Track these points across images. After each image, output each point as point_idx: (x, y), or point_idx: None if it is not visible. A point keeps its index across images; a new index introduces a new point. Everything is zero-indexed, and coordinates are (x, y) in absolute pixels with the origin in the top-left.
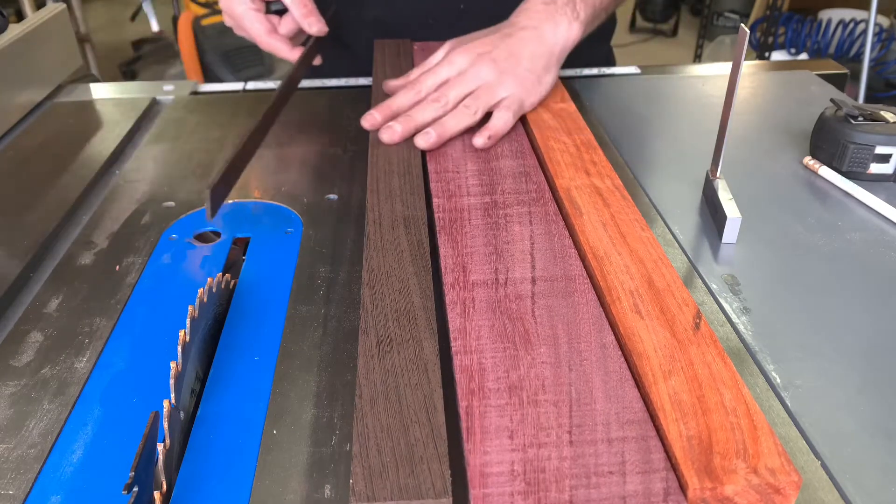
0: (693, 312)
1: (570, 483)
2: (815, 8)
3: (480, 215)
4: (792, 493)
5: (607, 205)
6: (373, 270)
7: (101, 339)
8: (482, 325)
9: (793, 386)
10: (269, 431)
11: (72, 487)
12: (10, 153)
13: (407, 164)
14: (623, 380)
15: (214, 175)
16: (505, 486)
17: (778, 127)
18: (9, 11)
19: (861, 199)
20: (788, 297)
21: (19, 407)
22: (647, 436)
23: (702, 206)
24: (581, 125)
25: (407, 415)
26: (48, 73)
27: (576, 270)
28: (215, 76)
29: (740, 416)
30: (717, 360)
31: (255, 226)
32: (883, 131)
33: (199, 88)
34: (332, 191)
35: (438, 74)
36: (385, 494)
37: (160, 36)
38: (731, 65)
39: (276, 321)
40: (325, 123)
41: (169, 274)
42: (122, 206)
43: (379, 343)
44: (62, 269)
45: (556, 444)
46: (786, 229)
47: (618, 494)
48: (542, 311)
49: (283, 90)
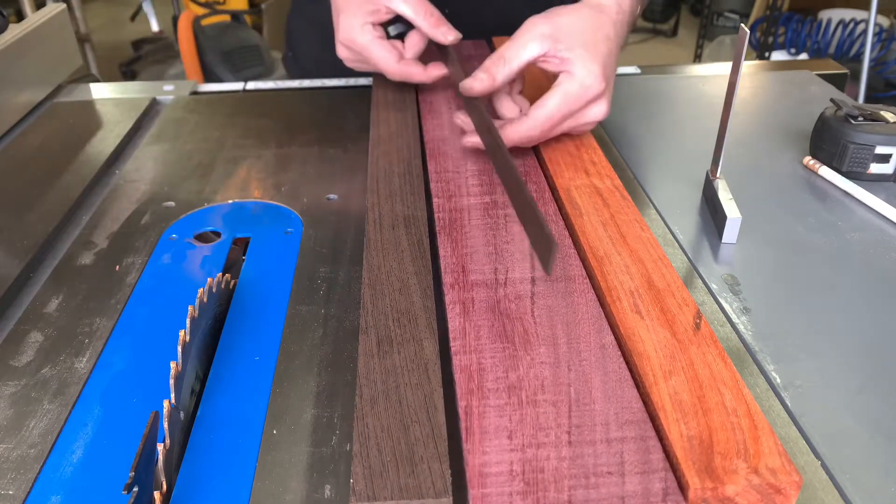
0: (693, 312)
1: (568, 483)
2: (815, 8)
3: (480, 215)
4: (792, 493)
5: (607, 205)
6: (373, 270)
7: (101, 339)
8: (481, 325)
9: (793, 386)
10: (269, 431)
11: (72, 487)
12: (10, 153)
13: (407, 164)
14: (622, 380)
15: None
16: (504, 486)
17: (778, 127)
18: (9, 11)
19: (861, 199)
20: (788, 297)
21: (19, 407)
22: (646, 436)
23: (702, 206)
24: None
25: (407, 414)
26: (48, 73)
27: (575, 271)
28: (215, 76)
29: (741, 416)
30: (718, 361)
31: (255, 226)
32: (883, 131)
33: (199, 88)
34: (332, 191)
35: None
36: (385, 494)
37: (160, 36)
38: (731, 65)
39: (276, 321)
40: (325, 123)
41: (169, 274)
42: (122, 206)
43: (379, 343)
44: (62, 269)
45: (554, 444)
46: (786, 229)
47: (616, 495)
48: (541, 311)
49: (489, 135)
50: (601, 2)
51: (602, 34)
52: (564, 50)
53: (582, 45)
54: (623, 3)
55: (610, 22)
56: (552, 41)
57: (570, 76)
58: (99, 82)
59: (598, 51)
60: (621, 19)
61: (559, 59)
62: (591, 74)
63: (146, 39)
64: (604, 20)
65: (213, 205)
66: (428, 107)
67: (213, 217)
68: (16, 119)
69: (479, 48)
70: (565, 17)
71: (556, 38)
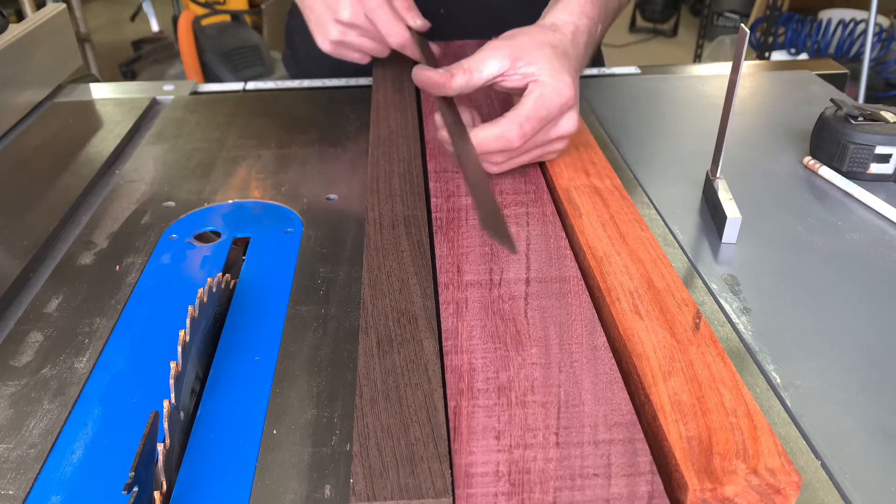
0: (693, 313)
1: (554, 485)
2: (815, 8)
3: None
4: (792, 494)
5: (607, 205)
6: (373, 270)
7: (101, 339)
8: (474, 325)
9: (793, 386)
10: (269, 431)
11: (72, 487)
12: (10, 153)
13: (407, 164)
14: (612, 382)
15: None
16: (489, 486)
17: (778, 127)
18: (9, 11)
19: (861, 199)
20: (788, 297)
21: (19, 407)
22: (635, 438)
23: (702, 206)
24: (581, 125)
25: (407, 414)
26: (48, 73)
27: (570, 272)
28: (215, 76)
29: (740, 416)
30: (717, 361)
31: (255, 226)
32: (883, 131)
33: (198, 88)
34: (332, 191)
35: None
36: (385, 494)
37: (160, 36)
38: (731, 65)
39: (276, 321)
40: (325, 123)
41: (169, 274)
42: (122, 206)
43: (379, 343)
44: (62, 269)
45: (542, 445)
46: (786, 229)
47: (602, 497)
48: (534, 312)
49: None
50: (555, 22)
51: (560, 51)
52: (525, 66)
53: (543, 60)
54: (580, 23)
55: (567, 41)
56: (511, 59)
57: (539, 84)
58: (99, 82)
59: (562, 65)
60: (577, 39)
61: (520, 76)
62: (563, 83)
63: (146, 39)
64: (560, 38)
65: (213, 205)
66: (429, 107)
67: (213, 217)
68: (16, 119)
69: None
70: (521, 37)
71: (516, 56)
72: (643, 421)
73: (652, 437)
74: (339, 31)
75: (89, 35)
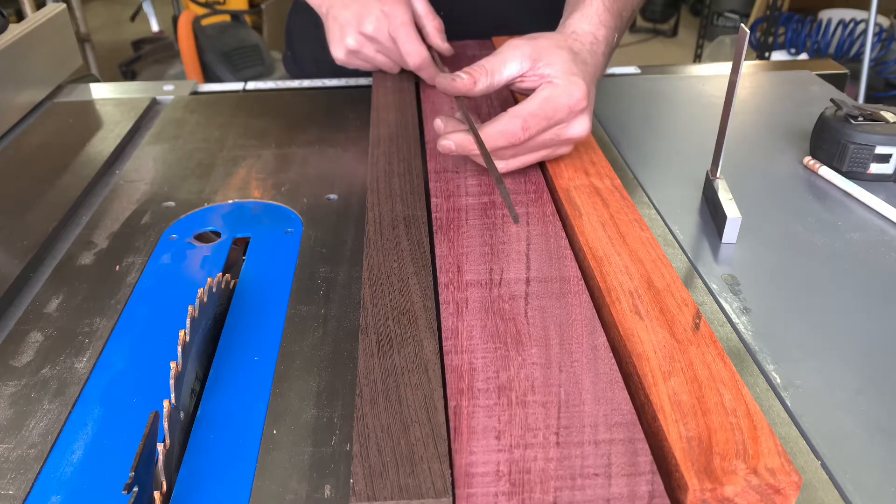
0: (693, 313)
1: (554, 484)
2: (815, 8)
3: (478, 215)
4: (792, 494)
5: (607, 205)
6: (373, 270)
7: (101, 339)
8: (474, 325)
9: (793, 386)
10: (269, 431)
11: (72, 487)
12: (10, 153)
13: (407, 163)
14: (613, 381)
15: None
16: (490, 486)
17: (778, 127)
18: (9, 11)
19: (861, 199)
20: (788, 297)
21: (19, 407)
22: (635, 438)
23: (702, 206)
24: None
25: (407, 414)
26: (48, 73)
27: (571, 272)
28: (215, 76)
29: (740, 416)
30: (717, 361)
31: (255, 226)
32: (883, 131)
33: (198, 88)
34: (332, 191)
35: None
36: (385, 494)
37: (160, 36)
38: (731, 65)
39: (276, 321)
40: (325, 123)
41: (169, 274)
42: (122, 206)
43: (379, 343)
44: (62, 269)
45: (542, 445)
46: (786, 229)
47: (602, 497)
48: (534, 311)
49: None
50: (576, 30)
51: (580, 58)
52: (544, 67)
53: (561, 62)
54: (598, 33)
55: (586, 50)
56: (532, 60)
57: (552, 85)
58: (99, 82)
59: (579, 69)
60: (596, 49)
61: (538, 76)
62: (575, 85)
63: (146, 39)
64: (580, 46)
65: (213, 205)
66: (430, 107)
67: (213, 217)
68: (16, 119)
69: (485, 48)
70: (543, 39)
71: (537, 57)
72: (643, 421)
73: (652, 436)
74: (358, 42)
75: (89, 35)
